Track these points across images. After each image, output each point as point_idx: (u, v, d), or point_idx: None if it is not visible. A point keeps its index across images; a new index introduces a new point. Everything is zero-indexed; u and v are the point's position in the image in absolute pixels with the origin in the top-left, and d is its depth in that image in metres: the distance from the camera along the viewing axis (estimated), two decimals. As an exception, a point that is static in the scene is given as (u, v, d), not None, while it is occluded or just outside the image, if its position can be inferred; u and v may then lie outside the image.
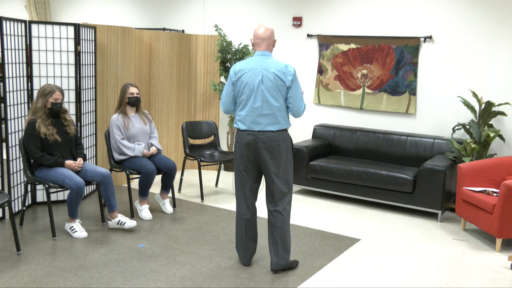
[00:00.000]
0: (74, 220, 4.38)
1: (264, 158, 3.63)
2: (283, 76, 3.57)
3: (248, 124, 3.63)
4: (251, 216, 3.79)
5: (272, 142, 3.60)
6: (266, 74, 3.57)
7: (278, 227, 3.68)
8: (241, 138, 3.67)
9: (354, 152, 6.06)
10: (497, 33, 5.45)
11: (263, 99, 3.57)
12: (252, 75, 3.59)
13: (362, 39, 6.18)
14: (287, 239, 3.72)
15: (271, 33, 3.67)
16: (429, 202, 5.09)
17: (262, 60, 3.62)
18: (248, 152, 3.66)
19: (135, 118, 4.96)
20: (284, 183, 3.68)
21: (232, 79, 3.69)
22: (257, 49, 3.69)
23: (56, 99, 4.31)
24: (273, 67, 3.58)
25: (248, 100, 3.61)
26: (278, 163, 3.63)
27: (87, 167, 4.45)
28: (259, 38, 3.66)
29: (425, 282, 3.72)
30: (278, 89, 3.58)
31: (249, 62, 3.65)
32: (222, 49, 6.62)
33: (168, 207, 5.08)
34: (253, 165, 3.71)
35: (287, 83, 3.57)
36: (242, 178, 3.75)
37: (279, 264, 3.71)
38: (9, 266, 3.71)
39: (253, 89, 3.59)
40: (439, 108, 5.84)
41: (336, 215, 5.22)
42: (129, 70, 6.05)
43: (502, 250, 4.39)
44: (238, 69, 3.66)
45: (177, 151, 6.89)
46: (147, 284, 3.50)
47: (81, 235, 4.31)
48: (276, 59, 3.65)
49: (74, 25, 5.16)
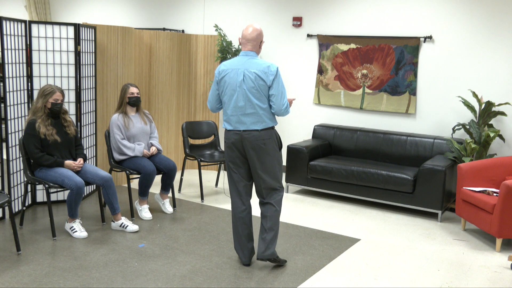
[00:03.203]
0: (74, 220, 4.38)
1: (251, 156, 3.69)
2: (265, 76, 3.60)
3: (234, 124, 3.69)
4: (246, 214, 3.81)
5: (258, 141, 3.65)
6: (247, 74, 3.61)
7: (268, 216, 3.73)
8: (228, 138, 3.74)
9: (354, 152, 6.06)
10: (497, 33, 5.45)
11: (246, 99, 3.62)
12: (234, 75, 3.65)
13: (362, 39, 6.18)
14: (275, 230, 3.74)
15: (258, 34, 3.70)
16: (429, 202, 5.09)
17: (245, 60, 3.67)
18: (236, 151, 3.72)
19: (135, 118, 4.96)
20: (272, 180, 3.73)
21: (216, 79, 3.76)
22: (243, 49, 3.74)
23: (56, 100, 4.31)
24: (254, 67, 3.62)
25: (231, 99, 3.67)
26: (264, 161, 3.69)
27: (88, 168, 4.44)
28: (245, 38, 3.71)
29: (425, 282, 3.72)
30: (260, 89, 3.61)
31: (232, 62, 3.71)
32: (222, 49, 6.62)
33: (168, 207, 5.08)
34: (243, 163, 3.76)
35: (269, 82, 3.61)
36: (234, 176, 3.80)
37: (265, 254, 3.73)
38: (9, 266, 3.71)
39: (235, 89, 3.64)
40: (439, 108, 5.84)
41: (336, 215, 5.22)
42: (129, 70, 6.05)
43: (502, 250, 4.39)
44: (222, 69, 3.73)
45: (177, 151, 6.89)
46: (147, 284, 3.50)
47: (81, 235, 4.31)
48: (260, 59, 3.68)
49: (74, 25, 5.16)
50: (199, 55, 6.83)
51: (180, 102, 6.81)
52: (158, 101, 6.61)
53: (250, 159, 3.70)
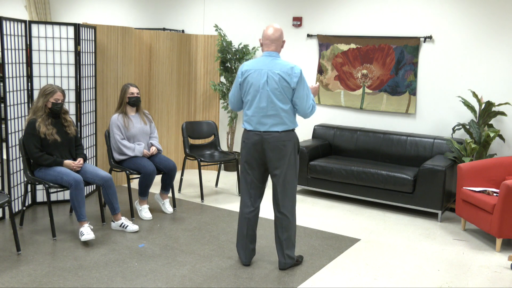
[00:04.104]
0: (83, 224, 4.21)
1: (269, 158, 3.65)
2: (288, 77, 3.56)
3: (254, 125, 3.65)
4: (253, 216, 3.80)
5: (278, 142, 3.61)
6: (271, 75, 3.58)
7: (284, 228, 3.73)
8: (248, 138, 3.69)
9: (354, 152, 6.06)
10: (497, 33, 5.45)
11: (268, 100, 3.58)
12: (258, 76, 3.61)
13: (362, 39, 6.18)
14: (292, 239, 3.78)
15: (280, 34, 3.67)
16: (429, 202, 5.09)
17: (269, 61, 3.63)
18: (254, 152, 3.68)
19: (135, 118, 4.96)
20: (289, 184, 3.70)
21: (239, 79, 3.71)
22: (265, 49, 3.69)
23: (57, 99, 4.31)
24: (278, 69, 3.58)
25: (253, 100, 3.63)
26: (283, 163, 3.65)
27: (88, 168, 4.44)
28: (268, 39, 3.66)
29: (425, 282, 3.72)
30: (283, 90, 3.58)
31: (256, 62, 3.66)
32: (222, 49, 6.62)
33: (168, 207, 5.08)
34: (259, 165, 3.73)
35: (292, 84, 3.57)
36: (247, 177, 3.77)
37: (286, 263, 3.79)
38: (9, 266, 3.71)
39: (258, 90, 3.61)
40: (439, 108, 5.84)
41: (336, 215, 5.22)
42: (129, 70, 6.05)
43: (502, 250, 4.39)
44: (244, 69, 3.68)
45: (177, 151, 6.89)
46: (147, 284, 3.50)
47: (87, 237, 4.14)
48: (284, 60, 3.64)
49: (74, 25, 5.16)
50: (199, 55, 6.82)
51: (180, 102, 6.81)
52: (158, 101, 6.61)
53: (269, 161, 3.66)
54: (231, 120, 6.78)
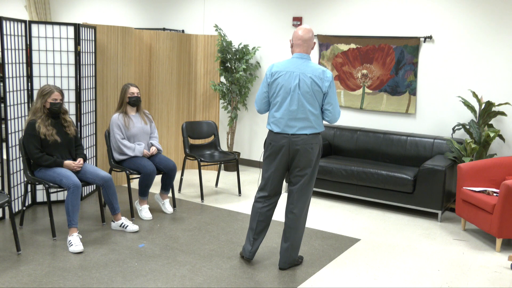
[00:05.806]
0: (72, 233, 4.10)
1: (295, 161, 3.64)
2: (320, 81, 3.55)
3: (282, 127, 3.62)
4: (266, 211, 3.78)
5: (306, 145, 3.60)
6: (303, 78, 3.55)
7: (293, 229, 3.74)
8: (275, 140, 3.66)
9: (354, 152, 6.06)
10: (497, 33, 5.45)
11: (299, 103, 3.56)
12: (289, 78, 3.58)
13: (362, 39, 6.18)
14: (298, 240, 3.78)
15: (312, 35, 3.64)
16: (429, 202, 5.09)
17: (300, 63, 3.60)
18: (281, 156, 3.66)
19: (135, 118, 4.96)
20: (308, 186, 3.71)
21: (268, 80, 3.67)
22: (296, 50, 3.64)
23: (55, 99, 4.30)
24: (310, 72, 3.55)
25: (283, 102, 3.60)
26: (308, 166, 3.65)
27: (88, 168, 4.43)
28: (301, 39, 3.61)
29: (425, 282, 3.72)
30: (314, 94, 3.56)
31: (287, 64, 3.62)
32: (222, 49, 6.62)
33: (168, 207, 5.08)
34: (284, 167, 3.71)
35: (324, 89, 3.56)
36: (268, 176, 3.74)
37: (286, 262, 3.80)
38: (9, 266, 3.71)
39: (289, 92, 3.58)
40: (439, 108, 5.84)
41: (336, 215, 5.22)
42: (129, 70, 6.05)
43: (502, 250, 4.39)
44: (275, 70, 3.64)
45: (177, 151, 6.89)
46: (147, 284, 3.50)
47: (76, 249, 4.00)
48: (315, 64, 3.61)
49: (74, 25, 5.16)
50: (199, 55, 6.82)
51: (180, 102, 6.81)
52: (158, 101, 6.61)
53: (295, 163, 3.64)
54: (231, 120, 6.78)
